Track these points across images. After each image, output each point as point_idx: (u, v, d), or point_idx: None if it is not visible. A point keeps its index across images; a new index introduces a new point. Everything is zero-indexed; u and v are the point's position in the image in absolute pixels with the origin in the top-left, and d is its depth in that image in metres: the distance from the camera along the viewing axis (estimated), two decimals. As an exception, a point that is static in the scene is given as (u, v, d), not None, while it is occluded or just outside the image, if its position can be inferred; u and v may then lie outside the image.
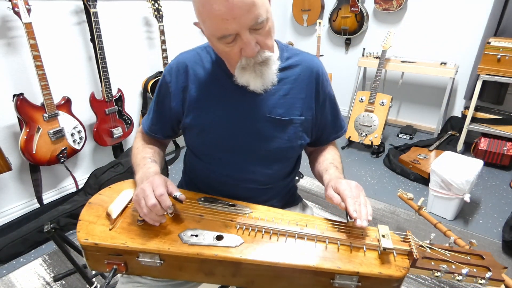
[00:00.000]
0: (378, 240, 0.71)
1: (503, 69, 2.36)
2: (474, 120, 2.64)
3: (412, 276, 1.58)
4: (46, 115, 1.77)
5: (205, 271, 0.72)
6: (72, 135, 1.93)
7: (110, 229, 0.75)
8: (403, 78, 3.07)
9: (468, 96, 2.82)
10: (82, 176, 2.23)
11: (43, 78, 1.71)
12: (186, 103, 0.88)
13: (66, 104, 1.89)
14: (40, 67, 1.69)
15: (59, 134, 1.85)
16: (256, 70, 0.76)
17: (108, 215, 0.78)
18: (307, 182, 2.39)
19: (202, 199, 0.86)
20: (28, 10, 1.60)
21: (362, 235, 0.74)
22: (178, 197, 0.76)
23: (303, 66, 0.88)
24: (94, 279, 1.31)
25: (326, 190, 0.81)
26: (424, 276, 1.58)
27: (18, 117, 1.71)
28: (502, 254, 1.73)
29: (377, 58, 3.05)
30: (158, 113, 0.94)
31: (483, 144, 2.56)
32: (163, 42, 2.30)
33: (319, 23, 3.16)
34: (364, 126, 2.77)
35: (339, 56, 3.62)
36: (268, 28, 0.72)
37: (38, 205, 1.97)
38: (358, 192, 0.75)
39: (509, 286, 1.25)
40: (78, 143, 1.99)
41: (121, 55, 2.26)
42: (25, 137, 1.72)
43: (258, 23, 0.68)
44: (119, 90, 2.17)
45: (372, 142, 2.74)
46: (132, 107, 2.40)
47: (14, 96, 1.67)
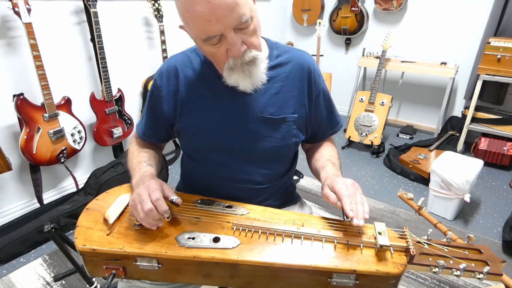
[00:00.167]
0: (375, 238, 0.71)
1: (503, 69, 2.36)
2: (474, 120, 2.64)
3: (412, 276, 1.58)
4: (46, 115, 1.77)
5: (203, 274, 0.73)
6: (72, 135, 1.93)
7: (108, 234, 0.75)
8: (403, 78, 3.07)
9: (468, 96, 2.81)
10: (82, 176, 2.23)
11: (43, 78, 1.71)
12: (178, 106, 0.88)
13: (66, 104, 1.89)
14: (40, 67, 1.69)
15: (59, 134, 1.85)
16: (244, 70, 0.75)
17: (105, 220, 0.78)
18: (307, 182, 2.39)
19: (199, 201, 0.86)
20: (28, 10, 1.60)
21: (359, 233, 0.74)
22: (174, 201, 0.76)
23: (294, 63, 0.87)
24: (94, 279, 1.31)
25: (322, 189, 0.80)
26: (424, 276, 1.58)
27: (18, 117, 1.72)
28: (502, 254, 1.73)
29: (377, 58, 3.05)
30: (151, 117, 0.94)
31: (483, 144, 2.55)
32: (163, 42, 2.30)
33: (319, 23, 3.16)
34: (364, 126, 2.77)
35: (339, 56, 3.62)
36: (254, 27, 0.71)
37: (38, 205, 1.97)
38: (355, 190, 0.74)
39: (509, 286, 1.25)
40: (78, 143, 1.99)
41: (121, 55, 2.26)
42: (25, 137, 1.72)
43: (242, 23, 0.67)
44: (119, 90, 2.17)
45: (372, 142, 2.74)
46: (132, 107, 2.40)
47: (14, 96, 1.67)
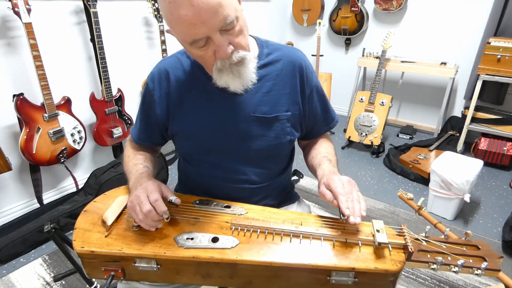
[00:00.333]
0: (373, 235, 0.71)
1: (503, 69, 2.36)
2: (474, 120, 2.64)
3: (412, 276, 1.58)
4: (46, 115, 1.77)
5: (202, 274, 0.73)
6: (72, 135, 1.93)
7: (106, 236, 0.75)
8: (403, 78, 3.07)
9: (468, 96, 2.81)
10: (82, 176, 2.23)
11: (43, 78, 1.71)
12: (170, 109, 0.88)
13: (66, 104, 1.89)
14: (40, 67, 1.69)
15: (59, 134, 1.85)
16: (233, 71, 0.74)
17: (104, 222, 0.78)
18: (307, 182, 2.39)
19: (197, 201, 0.86)
20: (28, 10, 1.61)
21: (357, 231, 0.74)
22: (173, 201, 0.76)
23: (285, 60, 0.87)
24: (94, 279, 1.31)
25: (319, 187, 0.80)
26: (424, 276, 1.58)
27: (18, 117, 1.72)
28: (502, 254, 1.72)
29: (377, 58, 3.05)
30: (145, 121, 0.94)
31: (483, 144, 2.55)
32: (163, 42, 2.30)
33: (319, 23, 3.16)
34: (364, 126, 2.77)
35: (339, 56, 3.62)
36: (240, 27, 0.71)
37: (38, 205, 1.97)
38: (351, 188, 0.74)
39: (509, 286, 1.25)
40: (78, 143, 1.99)
41: (121, 55, 2.26)
42: (25, 137, 1.73)
43: (228, 24, 0.67)
44: (119, 90, 2.17)
45: (372, 142, 2.74)
46: (132, 107, 2.40)
47: (14, 96, 1.67)
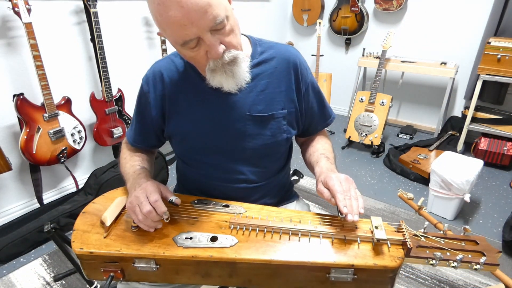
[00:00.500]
0: (372, 232, 0.71)
1: (503, 69, 2.36)
2: (474, 120, 2.64)
3: (412, 276, 1.58)
4: (46, 115, 1.78)
5: (201, 273, 0.73)
6: (72, 135, 1.94)
7: (105, 236, 0.75)
8: (403, 78, 3.07)
9: (468, 96, 2.81)
10: (82, 176, 2.23)
11: (43, 78, 1.72)
12: (165, 111, 0.88)
13: (66, 104, 1.90)
14: (40, 67, 1.69)
15: (59, 134, 1.85)
16: (226, 70, 0.74)
17: (102, 223, 0.78)
18: (307, 182, 2.39)
19: (196, 201, 0.86)
20: (28, 10, 1.61)
21: (356, 227, 0.74)
22: (174, 201, 0.76)
23: (279, 58, 0.86)
24: (95, 279, 1.31)
25: (316, 185, 0.80)
26: (424, 276, 1.58)
27: (18, 117, 1.72)
28: (502, 254, 1.72)
29: (377, 58, 3.05)
30: (140, 124, 0.94)
31: (483, 144, 2.55)
32: (163, 42, 2.31)
33: (319, 23, 3.16)
34: (364, 126, 2.77)
35: (339, 56, 3.62)
36: (230, 27, 0.70)
37: (38, 205, 1.97)
38: (348, 186, 0.74)
39: (509, 285, 1.25)
40: (78, 143, 1.99)
41: (121, 55, 2.27)
42: (25, 137, 1.73)
43: (218, 24, 0.66)
44: (119, 90, 2.17)
45: (372, 142, 2.74)
46: (132, 107, 2.38)
47: (14, 96, 1.67)
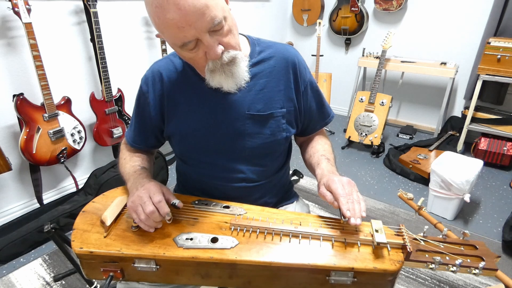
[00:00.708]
0: (372, 235, 0.71)
1: (503, 69, 2.36)
2: (474, 120, 2.64)
3: (412, 276, 1.58)
4: (46, 115, 1.78)
5: (201, 274, 0.73)
6: (72, 135, 1.94)
7: (105, 236, 0.75)
8: (403, 78, 3.07)
9: (468, 96, 2.81)
10: (82, 176, 2.23)
11: (43, 78, 1.71)
12: (164, 111, 0.88)
13: (66, 104, 1.90)
14: (40, 67, 1.69)
15: (59, 134, 1.85)
16: (225, 71, 0.75)
17: (102, 223, 0.78)
18: (307, 182, 2.40)
19: (196, 202, 0.86)
20: (28, 10, 1.61)
21: (356, 230, 0.74)
22: (176, 204, 0.76)
23: (278, 57, 0.87)
24: (94, 279, 1.31)
25: (318, 187, 0.80)
26: (424, 276, 1.58)
27: (18, 117, 1.72)
28: (502, 254, 1.72)
29: (377, 58, 3.05)
30: (139, 124, 0.94)
31: (483, 144, 2.55)
32: (163, 42, 2.31)
33: (319, 23, 3.16)
34: (364, 126, 2.77)
35: (339, 56, 3.62)
36: (228, 27, 0.71)
37: (38, 205, 1.97)
38: (351, 189, 0.74)
39: (509, 285, 1.25)
40: (78, 143, 1.99)
41: (121, 55, 2.27)
42: (25, 137, 1.73)
43: (216, 25, 0.66)
44: (119, 90, 2.17)
45: (372, 142, 2.74)
46: (132, 107, 2.40)
47: (14, 96, 1.67)
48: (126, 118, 2.24)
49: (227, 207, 0.84)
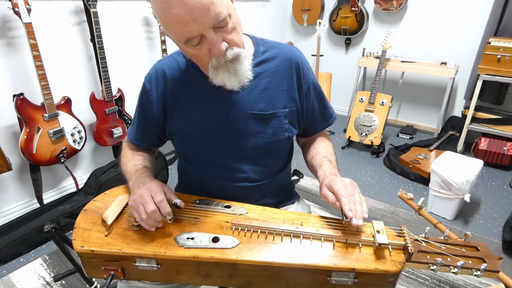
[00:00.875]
0: (373, 236, 0.71)
1: (503, 69, 2.36)
2: (474, 120, 2.64)
3: (412, 276, 1.58)
4: (46, 115, 1.77)
5: (202, 274, 0.72)
6: (72, 135, 1.93)
7: (106, 235, 0.75)
8: (403, 78, 3.07)
9: (468, 96, 2.81)
10: (82, 176, 2.23)
11: (43, 78, 1.71)
12: (167, 109, 0.88)
13: (66, 104, 1.89)
14: (40, 67, 1.69)
15: (59, 134, 1.85)
16: (228, 68, 0.75)
17: (104, 222, 0.78)
18: (307, 182, 2.39)
19: (198, 201, 0.86)
20: (28, 10, 1.60)
21: (357, 231, 0.74)
22: (178, 204, 0.76)
23: (281, 57, 0.87)
24: (94, 279, 1.31)
25: (320, 189, 0.81)
26: (424, 276, 1.58)
27: (18, 117, 1.72)
28: (502, 254, 1.73)
29: (377, 58, 3.05)
30: (142, 122, 0.94)
31: (483, 144, 2.55)
32: (163, 42, 2.30)
33: (319, 23, 3.16)
34: (364, 126, 2.77)
35: (339, 56, 3.62)
36: (233, 24, 0.71)
37: (38, 205, 1.97)
38: (353, 190, 0.75)
39: (509, 285, 1.25)
40: (78, 143, 1.99)
41: (121, 55, 2.26)
42: (25, 137, 1.72)
43: (220, 21, 0.67)
44: (119, 90, 2.17)
45: (372, 142, 2.74)
46: (132, 107, 2.39)
47: (14, 96, 1.67)
48: (126, 118, 2.23)
49: (228, 206, 0.84)
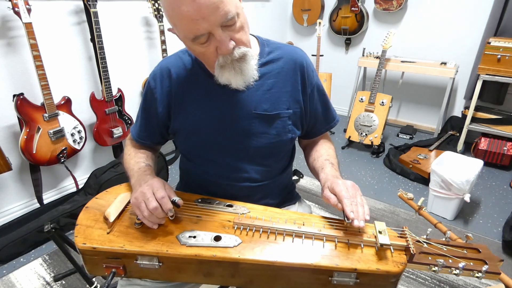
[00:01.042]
0: (375, 237, 0.72)
1: (503, 69, 2.36)
2: (474, 120, 2.64)
3: (412, 276, 1.58)
4: (46, 115, 1.77)
5: (204, 272, 0.72)
6: (72, 135, 1.93)
7: (108, 232, 0.75)
8: (403, 78, 3.07)
9: (468, 96, 2.82)
10: (82, 176, 2.23)
11: (43, 78, 1.71)
12: (171, 107, 0.88)
13: (66, 104, 1.89)
14: (40, 67, 1.69)
15: (59, 134, 1.85)
16: (235, 67, 0.75)
17: (106, 219, 0.78)
18: (307, 182, 2.39)
19: (199, 200, 0.86)
20: (28, 10, 1.60)
21: (359, 232, 0.75)
22: (176, 201, 0.76)
23: (286, 59, 0.88)
24: (94, 279, 1.31)
25: (322, 191, 0.81)
26: (424, 276, 1.58)
27: (18, 117, 1.72)
28: (502, 254, 1.73)
29: (377, 58, 3.05)
30: (145, 120, 0.94)
31: (483, 144, 2.56)
32: (163, 42, 2.30)
33: (319, 23, 3.16)
34: (364, 126, 2.77)
35: (339, 56, 3.62)
36: (240, 24, 0.72)
37: (38, 205, 1.97)
38: (355, 192, 0.75)
39: (509, 286, 1.25)
40: (78, 143, 1.99)
41: (121, 55, 2.26)
42: (25, 137, 1.72)
43: (229, 20, 0.67)
44: (119, 90, 2.17)
45: (372, 142, 2.74)
46: (132, 107, 2.40)
47: (14, 96, 1.67)
48: (126, 118, 2.23)
49: (230, 206, 0.84)
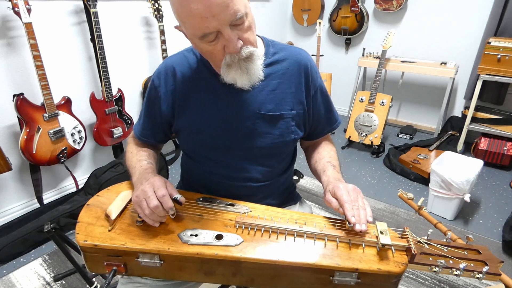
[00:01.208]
0: (377, 237, 0.72)
1: (503, 69, 2.37)
2: (474, 120, 2.65)
3: (412, 276, 1.58)
4: (46, 115, 1.77)
5: (205, 271, 0.72)
6: (72, 135, 1.93)
7: (109, 230, 0.75)
8: (403, 78, 3.07)
9: (468, 96, 2.82)
10: (82, 176, 2.23)
11: (43, 78, 1.71)
12: (175, 105, 0.88)
13: (66, 104, 1.89)
14: (40, 67, 1.69)
15: (59, 134, 1.85)
16: (241, 66, 0.75)
17: (107, 216, 0.78)
18: (307, 182, 2.39)
19: (201, 199, 0.86)
20: (28, 10, 1.60)
21: (361, 232, 0.74)
22: (178, 199, 0.76)
23: (291, 60, 0.88)
24: (94, 279, 1.31)
25: (324, 194, 0.81)
26: (424, 276, 1.58)
27: (18, 117, 1.71)
28: (502, 254, 1.73)
29: (377, 58, 3.05)
30: (149, 117, 0.94)
31: (483, 144, 2.56)
32: (163, 42, 2.30)
33: (319, 23, 3.16)
34: (364, 126, 2.77)
35: (339, 56, 3.62)
36: (248, 23, 0.72)
37: (38, 205, 1.97)
38: (356, 195, 0.75)
39: (509, 286, 1.25)
40: (78, 143, 1.99)
41: (121, 55, 2.26)
42: (25, 137, 1.72)
43: (238, 19, 0.68)
44: (119, 90, 2.17)
45: (372, 142, 2.74)
46: (132, 107, 2.40)
47: (14, 96, 1.67)
48: (126, 118, 2.23)
49: (232, 205, 0.84)
